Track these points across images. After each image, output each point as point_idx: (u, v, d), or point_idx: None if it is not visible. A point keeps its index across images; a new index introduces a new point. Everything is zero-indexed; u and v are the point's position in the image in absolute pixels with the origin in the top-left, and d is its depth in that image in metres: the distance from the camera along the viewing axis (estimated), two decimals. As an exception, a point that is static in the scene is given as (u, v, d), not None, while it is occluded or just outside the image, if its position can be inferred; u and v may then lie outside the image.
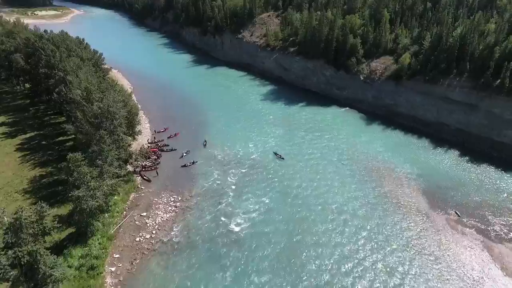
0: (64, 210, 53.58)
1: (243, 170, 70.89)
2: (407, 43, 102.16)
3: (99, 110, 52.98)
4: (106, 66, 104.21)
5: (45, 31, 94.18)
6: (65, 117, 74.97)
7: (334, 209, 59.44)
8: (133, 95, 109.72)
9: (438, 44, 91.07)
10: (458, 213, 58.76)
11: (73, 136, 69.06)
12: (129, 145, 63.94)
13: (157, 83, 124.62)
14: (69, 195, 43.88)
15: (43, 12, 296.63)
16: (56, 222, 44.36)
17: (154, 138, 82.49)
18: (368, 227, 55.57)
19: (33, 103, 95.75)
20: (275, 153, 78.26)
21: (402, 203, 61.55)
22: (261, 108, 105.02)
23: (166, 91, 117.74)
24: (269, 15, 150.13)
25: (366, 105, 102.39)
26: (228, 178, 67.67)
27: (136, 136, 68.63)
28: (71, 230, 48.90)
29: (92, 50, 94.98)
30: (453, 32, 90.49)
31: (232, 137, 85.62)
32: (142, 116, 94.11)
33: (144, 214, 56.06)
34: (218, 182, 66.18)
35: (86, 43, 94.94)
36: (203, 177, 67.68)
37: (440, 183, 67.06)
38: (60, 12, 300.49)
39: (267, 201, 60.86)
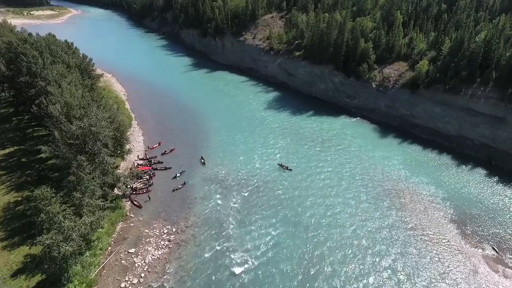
0: (39, 247, 45.65)
1: (247, 191, 63.09)
2: (423, 48, 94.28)
3: (80, 130, 45.19)
4: (98, 72, 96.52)
5: (29, 34, 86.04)
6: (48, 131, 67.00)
7: (353, 244, 51.44)
8: (126, 103, 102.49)
9: (459, 49, 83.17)
10: (496, 249, 50.92)
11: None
12: (117, 166, 56.05)
13: (153, 89, 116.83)
14: (35, 241, 36.02)
15: (40, 12, 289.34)
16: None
17: (145, 154, 74.04)
18: (397, 267, 47.62)
19: (17, 112, 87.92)
20: (281, 165, 71.46)
21: (429, 235, 53.66)
22: (264, 117, 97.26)
23: (163, 97, 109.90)
24: (272, 17, 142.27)
25: (379, 115, 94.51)
26: (230, 202, 59.82)
27: (125, 155, 60.66)
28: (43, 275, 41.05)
29: (81, 55, 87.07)
30: (476, 37, 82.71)
31: (234, 150, 77.92)
32: (135, 127, 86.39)
33: (132, 250, 48.13)
34: (218, 207, 58.29)
35: (75, 47, 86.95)
36: (201, 201, 59.80)
37: (470, 210, 59.17)
38: (56, 12, 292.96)
39: (275, 232, 52.94)
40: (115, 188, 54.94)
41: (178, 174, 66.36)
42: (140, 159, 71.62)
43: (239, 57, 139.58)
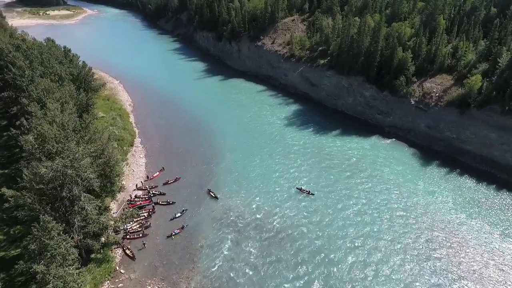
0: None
1: (266, 237, 51.61)
2: (472, 60, 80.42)
3: (51, 173, 34.92)
4: (102, 79, 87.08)
5: (23, 40, 77.02)
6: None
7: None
8: (131, 115, 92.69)
9: (521, 63, 69.29)
10: None
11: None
12: (106, 208, 45.48)
13: (162, 98, 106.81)
14: None
15: (55, 12, 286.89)
16: None
17: (143, 184, 62.70)
18: None
19: (10, 125, 78.91)
20: (300, 189, 62.30)
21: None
22: (284, 133, 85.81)
23: (172, 108, 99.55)
24: (293, 20, 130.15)
25: (418, 137, 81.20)
26: (245, 255, 48.29)
27: (116, 194, 50.07)
28: None
29: (80, 62, 77.53)
30: (543, 48, 68.66)
31: (250, 176, 67.11)
32: (138, 146, 76.09)
33: (117, 329, 37.49)
34: (229, 262, 46.87)
35: (73, 54, 77.30)
36: (208, 252, 48.54)
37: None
38: (72, 12, 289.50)
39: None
40: (102, 237, 44.41)
41: (178, 214, 54.82)
42: (139, 189, 60.98)
43: (256, 63, 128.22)
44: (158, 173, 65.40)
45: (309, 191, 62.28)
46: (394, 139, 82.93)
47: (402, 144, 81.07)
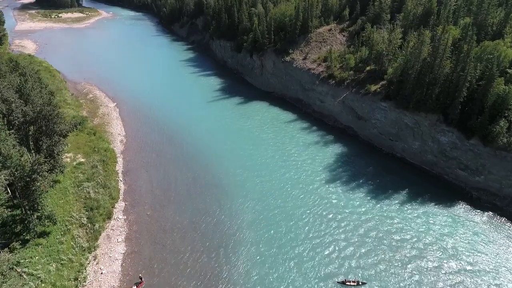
0: None
1: None
2: None
3: None
4: (80, 113, 64.95)
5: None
6: None
7: None
8: (119, 159, 70.30)
9: None
10: None
11: None
12: None
13: (164, 130, 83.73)
14: None
15: (68, 15, 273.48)
16: None
17: None
18: None
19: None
20: (344, 282, 45.21)
21: None
22: (324, 192, 62.31)
23: (175, 148, 76.28)
24: (330, 29, 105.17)
25: (529, 213, 54.80)
26: None
27: None
28: None
29: (48, 93, 55.41)
30: None
31: (280, 279, 44.40)
32: (118, 219, 52.74)
33: None
34: None
35: (32, 86, 54.50)
36: None
37: None
38: (84, 15, 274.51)
39: None
40: None
41: None
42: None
43: (283, 83, 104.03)
44: (140, 281, 41.69)
45: (359, 281, 45.67)
46: (490, 212, 56.66)
47: (503, 222, 54.90)
